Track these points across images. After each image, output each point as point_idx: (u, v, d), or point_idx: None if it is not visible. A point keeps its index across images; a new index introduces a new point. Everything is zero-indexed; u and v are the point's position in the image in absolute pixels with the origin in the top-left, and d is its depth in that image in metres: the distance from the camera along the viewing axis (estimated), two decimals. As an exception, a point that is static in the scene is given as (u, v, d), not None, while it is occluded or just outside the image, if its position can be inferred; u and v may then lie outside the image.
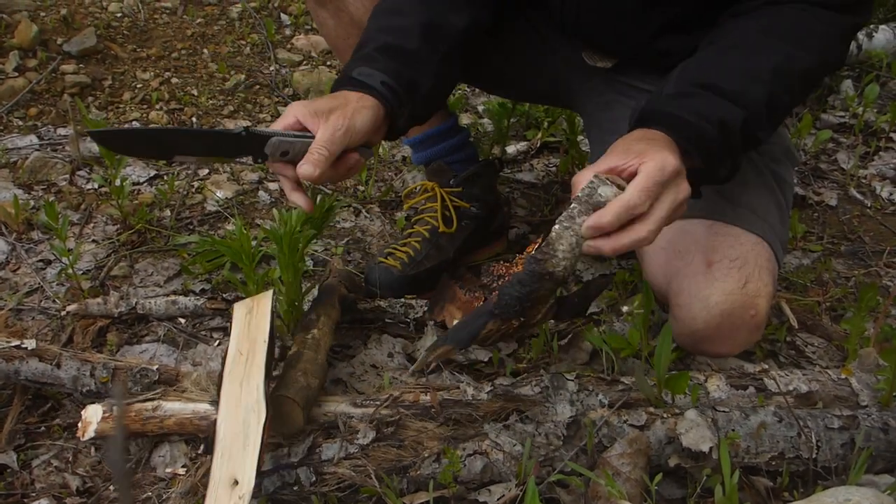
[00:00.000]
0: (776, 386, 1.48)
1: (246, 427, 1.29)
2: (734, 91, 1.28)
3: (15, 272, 1.98)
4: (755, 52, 1.33)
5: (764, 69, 1.30)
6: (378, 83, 1.38)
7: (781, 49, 1.33)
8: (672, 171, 1.16)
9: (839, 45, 1.38)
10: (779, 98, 1.32)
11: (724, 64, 1.33)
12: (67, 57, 2.97)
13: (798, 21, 1.34)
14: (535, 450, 1.35)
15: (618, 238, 1.15)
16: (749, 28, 1.37)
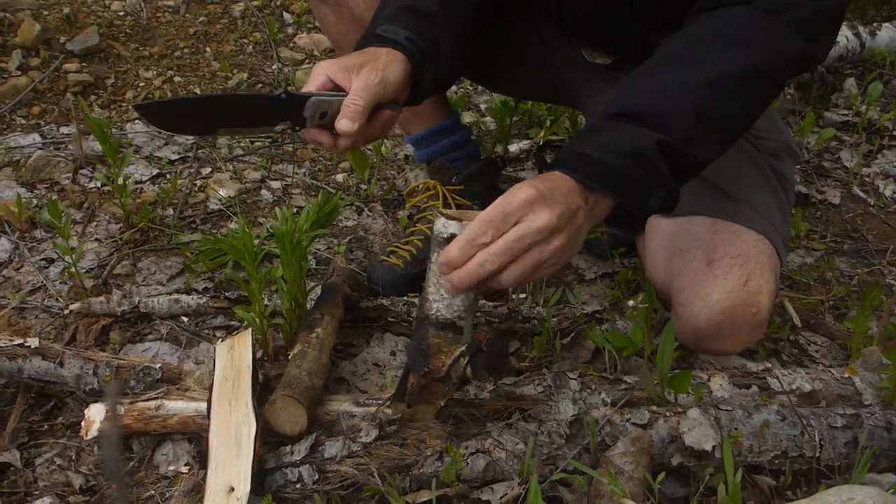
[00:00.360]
0: (779, 385, 1.48)
1: (238, 439, 1.32)
2: (647, 112, 1.19)
3: (18, 270, 1.98)
4: (685, 65, 1.25)
5: (693, 82, 1.22)
6: (403, 38, 1.36)
7: (717, 56, 1.24)
8: (522, 200, 1.10)
9: (795, 35, 1.25)
10: (715, 110, 1.22)
11: (647, 85, 1.25)
12: (70, 55, 2.97)
13: (738, 22, 1.26)
14: (538, 448, 1.35)
15: (465, 269, 1.11)
16: (683, 38, 1.29)
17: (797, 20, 1.25)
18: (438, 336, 1.24)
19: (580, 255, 2.09)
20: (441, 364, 1.26)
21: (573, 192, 1.16)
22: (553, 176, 1.18)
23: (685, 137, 1.20)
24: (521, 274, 1.11)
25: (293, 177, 2.47)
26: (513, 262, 1.11)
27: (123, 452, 1.48)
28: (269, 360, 1.65)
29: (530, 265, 1.11)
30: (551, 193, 1.13)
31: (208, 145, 2.63)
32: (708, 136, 1.23)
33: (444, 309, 1.22)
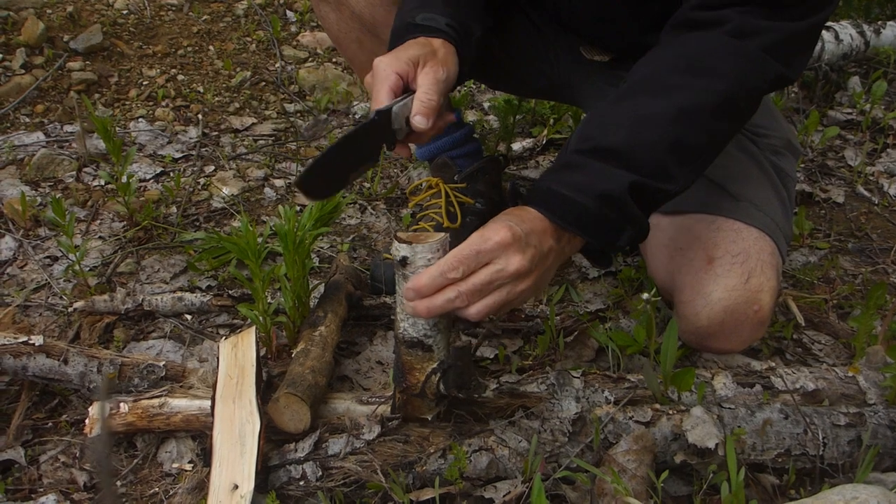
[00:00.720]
0: (783, 384, 1.48)
1: (242, 437, 1.33)
2: (619, 149, 1.20)
3: (22, 269, 1.99)
4: (655, 96, 1.24)
5: (663, 114, 1.22)
6: (444, 25, 1.36)
7: (686, 85, 1.23)
8: (496, 242, 1.12)
9: (765, 60, 1.25)
10: (687, 142, 1.22)
11: (617, 117, 1.25)
12: (74, 54, 2.97)
13: (707, 48, 1.24)
14: (541, 446, 1.35)
15: (431, 300, 1.14)
16: (654, 66, 1.29)
17: (768, 44, 1.25)
18: (409, 354, 1.27)
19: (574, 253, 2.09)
20: (415, 381, 1.29)
21: (546, 233, 1.19)
22: (529, 215, 1.20)
23: (657, 172, 1.21)
24: (486, 311, 1.15)
25: (296, 175, 2.47)
26: (480, 299, 1.14)
27: (127, 450, 1.48)
28: (273, 357, 1.65)
29: (496, 304, 1.15)
30: (527, 237, 1.15)
31: (211, 143, 2.63)
32: (680, 168, 1.24)
33: (410, 328, 1.25)
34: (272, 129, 2.77)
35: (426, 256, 1.18)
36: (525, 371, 1.62)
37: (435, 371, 1.28)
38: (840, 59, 3.00)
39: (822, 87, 2.99)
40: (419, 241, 1.19)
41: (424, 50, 1.31)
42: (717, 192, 1.52)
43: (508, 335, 1.79)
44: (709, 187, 1.52)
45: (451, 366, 1.30)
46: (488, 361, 1.69)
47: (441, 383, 1.29)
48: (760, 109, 1.65)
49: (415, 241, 1.18)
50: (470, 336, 1.77)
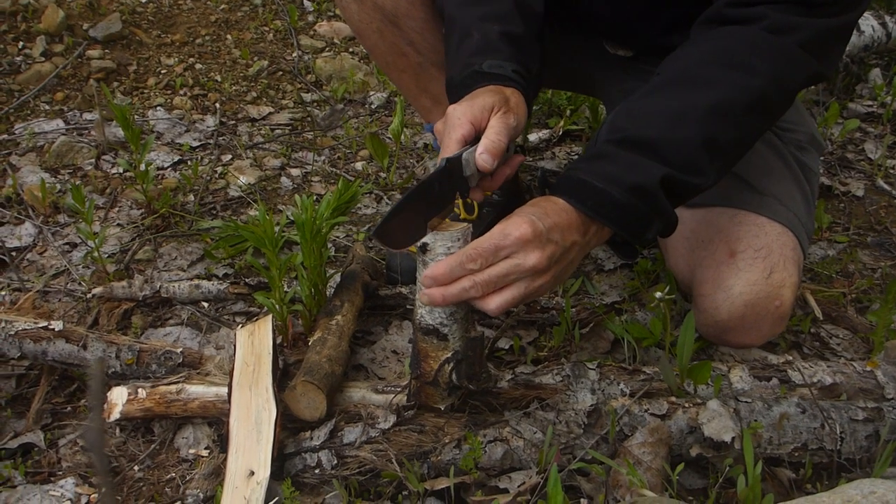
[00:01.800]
0: (800, 377, 1.47)
1: (258, 424, 1.34)
2: (653, 141, 1.19)
3: (42, 255, 2.00)
4: (691, 89, 1.24)
5: (699, 108, 1.21)
6: (510, 72, 1.35)
7: (722, 79, 1.22)
8: (516, 238, 1.12)
9: (802, 56, 1.24)
10: (720, 138, 1.22)
11: (652, 108, 1.24)
12: (93, 42, 2.99)
13: (745, 42, 1.23)
14: (556, 438, 1.35)
15: (447, 288, 1.15)
16: (689, 59, 1.28)
17: (804, 41, 1.24)
18: (425, 341, 1.28)
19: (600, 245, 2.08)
20: (429, 368, 1.30)
21: (572, 227, 1.18)
22: (556, 207, 1.19)
23: (689, 166, 1.21)
24: (504, 304, 1.15)
25: (313, 164, 2.48)
26: (496, 292, 1.15)
27: (145, 435, 1.50)
28: (289, 346, 1.66)
29: (513, 298, 1.15)
30: (548, 232, 1.14)
31: (228, 132, 2.64)
32: (712, 163, 1.23)
33: (427, 315, 1.26)
34: (289, 118, 2.77)
35: (446, 244, 1.19)
36: (540, 362, 1.62)
37: (448, 360, 1.28)
38: (861, 50, 2.96)
39: (843, 79, 2.95)
40: (441, 229, 1.19)
41: (497, 97, 1.29)
42: (740, 185, 1.50)
43: (524, 326, 1.78)
44: (732, 181, 1.51)
45: (465, 357, 1.30)
46: (503, 352, 1.69)
47: (453, 373, 1.30)
48: None
49: (437, 229, 1.19)
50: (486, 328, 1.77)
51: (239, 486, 1.26)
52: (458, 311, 1.25)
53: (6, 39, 2.92)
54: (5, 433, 1.50)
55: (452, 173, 1.22)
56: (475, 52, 1.39)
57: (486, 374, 1.35)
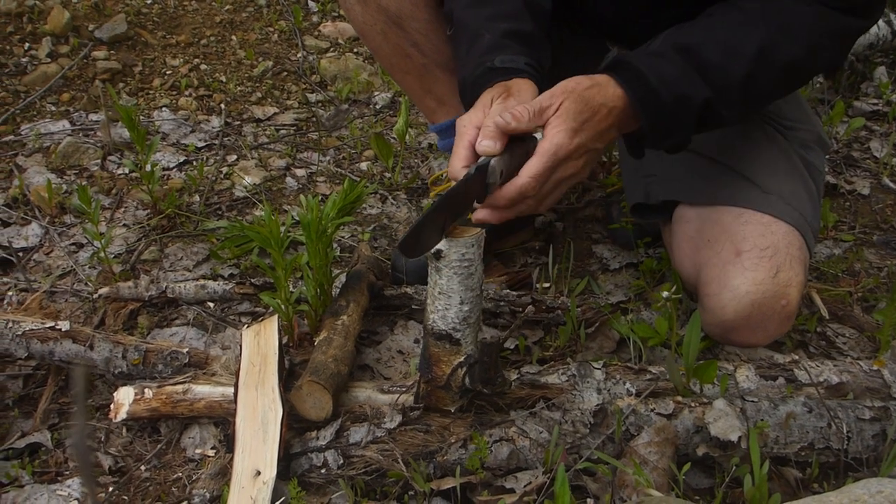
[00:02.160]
0: (807, 377, 1.47)
1: (264, 424, 1.34)
2: (709, 65, 1.27)
3: (48, 255, 2.01)
4: (744, 30, 1.31)
5: (748, 48, 1.29)
6: (523, 65, 1.36)
7: (770, 35, 1.30)
8: (565, 153, 1.19)
9: (834, 44, 1.35)
10: (758, 82, 1.30)
11: (712, 32, 1.32)
12: (99, 43, 3.00)
13: (794, 12, 1.32)
14: (562, 437, 1.35)
15: (504, 212, 1.22)
16: (745, 8, 1.34)
17: (838, 31, 1.34)
18: (437, 346, 1.29)
19: (605, 244, 2.08)
20: (441, 373, 1.30)
21: (614, 111, 1.23)
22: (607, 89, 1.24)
23: (726, 98, 1.28)
24: (549, 207, 1.26)
25: (318, 164, 2.48)
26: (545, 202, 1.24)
27: (151, 435, 1.50)
28: (294, 346, 1.66)
29: (556, 200, 1.27)
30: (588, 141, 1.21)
31: (234, 133, 2.65)
32: (743, 102, 1.32)
33: (440, 320, 1.26)
34: (294, 118, 2.78)
35: (461, 251, 1.20)
36: (546, 362, 1.62)
37: (461, 365, 1.29)
38: (866, 48, 2.95)
39: (848, 77, 2.94)
40: (455, 235, 1.20)
41: (496, 90, 1.30)
42: (745, 184, 1.50)
43: (529, 326, 1.78)
44: (737, 179, 1.51)
45: (478, 360, 1.30)
46: (509, 352, 1.69)
47: (466, 377, 1.30)
48: (791, 103, 1.63)
49: (451, 235, 1.19)
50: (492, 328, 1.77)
51: (245, 485, 1.26)
52: (471, 316, 1.25)
53: (12, 41, 2.93)
54: (13, 433, 1.50)
55: (478, 181, 1.21)
56: (486, 50, 1.40)
57: (501, 379, 1.36)
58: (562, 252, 1.97)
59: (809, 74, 1.45)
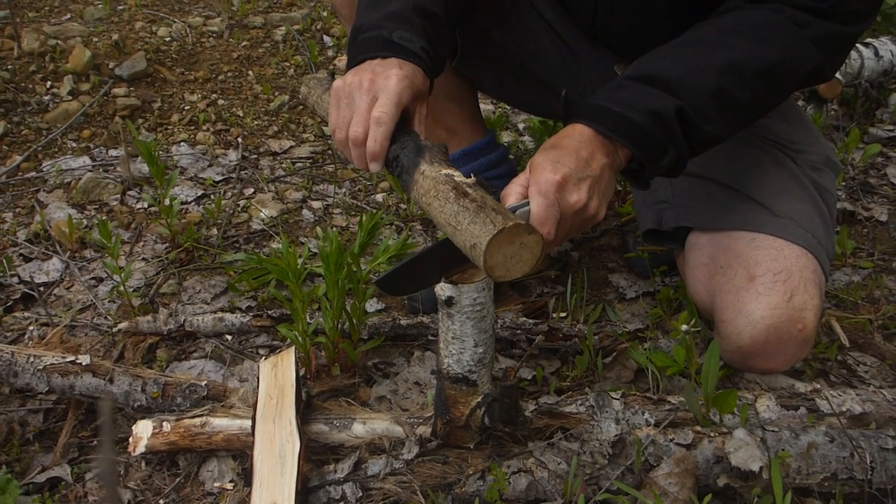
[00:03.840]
0: (829, 406, 1.45)
1: (282, 457, 1.34)
2: (669, 80, 1.26)
3: (69, 289, 2.03)
4: (709, 48, 1.31)
5: (713, 64, 1.28)
6: (419, 49, 1.33)
7: (740, 46, 1.29)
8: (555, 186, 1.16)
9: (817, 50, 1.32)
10: (730, 93, 1.28)
11: (671, 57, 1.31)
12: (119, 80, 3.05)
13: (767, 21, 1.31)
14: (581, 468, 1.34)
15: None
16: (712, 26, 1.35)
17: (815, 36, 1.31)
18: (453, 388, 1.29)
19: (621, 273, 2.08)
20: (459, 414, 1.31)
21: (596, 152, 1.22)
22: (576, 139, 1.23)
23: (700, 111, 1.26)
24: (560, 244, 1.26)
25: (334, 196, 2.50)
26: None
27: (170, 468, 1.51)
28: (312, 378, 1.66)
29: (567, 237, 1.23)
30: (575, 171, 1.19)
31: (251, 166, 2.68)
32: (720, 115, 1.29)
33: (455, 364, 1.26)
34: (310, 151, 2.81)
35: (472, 296, 1.20)
36: (563, 392, 1.61)
37: (480, 405, 1.29)
38: (880, 75, 2.95)
39: (863, 104, 2.95)
40: (465, 280, 1.20)
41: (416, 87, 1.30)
42: (756, 208, 1.50)
43: (546, 356, 1.78)
44: (748, 204, 1.51)
45: (496, 399, 1.30)
46: (526, 382, 1.69)
47: (486, 416, 1.30)
48: (798, 126, 1.64)
49: (460, 281, 1.20)
50: (509, 358, 1.77)
51: (264, 518, 1.26)
52: (485, 357, 1.26)
53: (35, 79, 2.99)
54: (33, 467, 1.51)
55: None
56: (388, 15, 1.36)
57: (521, 418, 1.36)
58: (577, 281, 1.97)
59: (794, 81, 1.40)
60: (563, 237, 1.22)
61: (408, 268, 1.17)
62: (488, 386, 1.29)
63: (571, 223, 1.21)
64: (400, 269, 1.17)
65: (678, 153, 1.27)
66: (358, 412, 1.49)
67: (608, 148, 1.24)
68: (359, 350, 1.70)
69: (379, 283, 1.18)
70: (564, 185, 1.18)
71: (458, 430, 1.33)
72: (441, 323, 1.24)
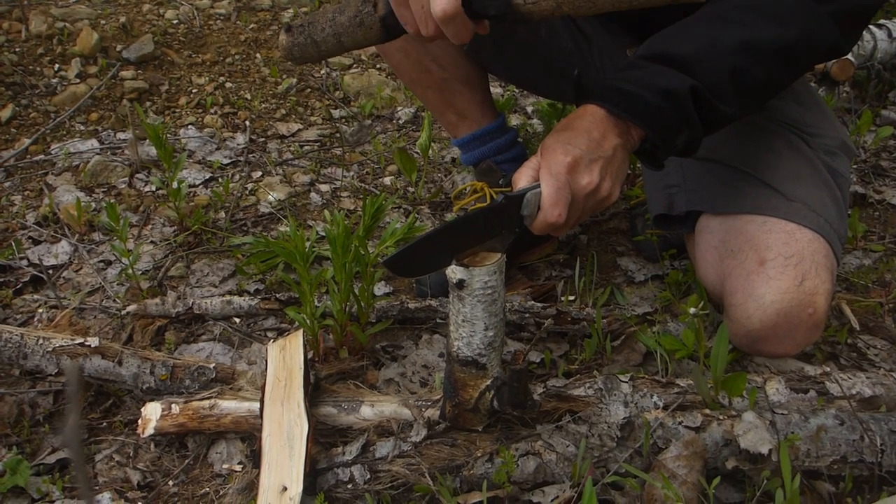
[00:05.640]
0: (839, 389, 1.44)
1: (291, 439, 1.34)
2: (683, 59, 1.23)
3: (77, 272, 2.04)
4: (725, 25, 1.28)
5: (730, 42, 1.25)
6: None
7: (757, 24, 1.27)
8: (566, 168, 1.16)
9: (833, 26, 1.29)
10: (746, 72, 1.25)
11: (686, 35, 1.29)
12: (126, 63, 3.05)
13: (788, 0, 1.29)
14: (589, 451, 1.34)
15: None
16: (729, 2, 1.32)
17: (834, 12, 1.28)
18: (463, 371, 1.28)
19: (629, 257, 2.07)
20: (468, 397, 1.30)
21: (608, 133, 1.21)
22: (587, 120, 1.22)
23: (715, 89, 1.24)
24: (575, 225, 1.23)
25: (342, 180, 2.49)
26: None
27: (179, 450, 1.51)
28: (320, 360, 1.67)
29: (580, 219, 1.24)
30: (587, 152, 1.19)
31: (258, 149, 2.67)
32: (736, 95, 1.26)
33: (465, 347, 1.26)
34: (318, 134, 2.80)
35: (483, 279, 1.19)
36: (572, 375, 1.61)
37: (489, 388, 1.29)
38: (893, 57, 2.92)
39: (875, 86, 2.91)
40: (476, 263, 1.19)
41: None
42: (768, 192, 1.49)
43: (554, 339, 1.78)
44: (760, 187, 1.50)
45: (505, 383, 1.30)
46: (535, 365, 1.69)
47: (495, 400, 1.30)
48: (813, 109, 1.62)
49: (472, 264, 1.19)
50: (517, 341, 1.77)
51: (272, 501, 1.27)
52: (495, 340, 1.25)
53: (43, 62, 2.99)
54: (43, 449, 1.52)
55: (508, 210, 1.19)
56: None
57: (531, 402, 1.35)
58: (586, 264, 1.96)
59: (812, 58, 1.37)
60: (576, 219, 1.21)
61: (416, 248, 1.17)
62: (498, 369, 1.29)
63: (584, 205, 1.20)
64: (408, 250, 1.16)
65: (692, 133, 1.25)
66: (366, 395, 1.49)
67: (620, 128, 1.22)
68: (367, 333, 1.70)
69: (387, 263, 1.17)
70: (576, 167, 1.17)
71: (466, 413, 1.33)
72: (451, 305, 1.24)
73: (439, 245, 1.18)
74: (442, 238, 1.18)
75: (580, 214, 1.21)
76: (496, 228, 1.20)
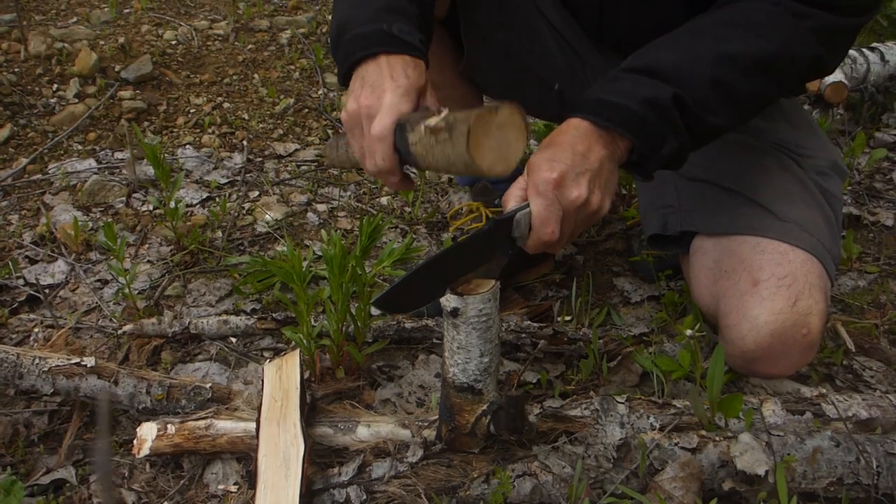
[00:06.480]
0: (835, 411, 1.44)
1: (286, 460, 1.34)
2: (665, 69, 1.24)
3: (74, 291, 2.04)
4: (704, 39, 1.30)
5: (709, 53, 1.26)
6: (418, 42, 1.31)
7: (736, 37, 1.28)
8: (553, 183, 1.16)
9: (816, 41, 1.30)
10: (727, 82, 1.26)
11: (667, 48, 1.30)
12: (124, 83, 3.06)
13: (762, 12, 1.30)
14: (585, 472, 1.34)
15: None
16: (709, 18, 1.34)
17: (815, 27, 1.30)
18: (459, 396, 1.28)
19: (626, 277, 2.08)
20: (465, 421, 1.30)
21: (594, 145, 1.21)
22: (571, 134, 1.22)
23: (699, 99, 1.24)
24: (567, 242, 1.24)
25: (339, 199, 2.50)
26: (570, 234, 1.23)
27: (174, 471, 1.51)
28: (316, 380, 1.66)
29: (573, 234, 1.23)
30: (572, 166, 1.18)
31: (256, 169, 2.68)
32: (720, 104, 1.27)
33: (461, 374, 1.26)
34: (314, 154, 2.81)
35: (478, 307, 1.19)
36: (568, 396, 1.61)
37: (485, 413, 1.29)
38: (886, 80, 2.95)
39: (868, 108, 2.94)
40: (470, 290, 1.19)
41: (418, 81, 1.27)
42: (761, 212, 1.50)
43: (550, 359, 1.78)
44: (753, 208, 1.51)
45: (502, 408, 1.30)
46: (531, 386, 1.69)
47: (491, 424, 1.30)
48: (805, 131, 1.63)
49: (466, 292, 1.19)
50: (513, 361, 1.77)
51: (268, 521, 1.26)
52: (491, 365, 1.25)
53: (41, 82, 3.01)
54: (38, 469, 1.51)
55: (497, 234, 1.19)
56: (384, 7, 1.32)
57: (528, 428, 1.36)
58: (582, 285, 1.97)
59: (795, 72, 1.37)
60: (570, 235, 1.22)
61: (407, 284, 1.16)
62: (494, 394, 1.29)
63: (576, 219, 1.20)
64: (399, 287, 1.15)
65: (679, 142, 1.25)
66: (362, 415, 1.49)
67: (606, 139, 1.23)
68: (363, 353, 1.70)
69: (377, 303, 1.16)
70: (562, 182, 1.17)
71: (463, 437, 1.33)
72: (446, 333, 1.24)
73: (430, 277, 1.18)
74: (432, 270, 1.17)
75: (573, 229, 1.22)
76: (487, 253, 1.19)
